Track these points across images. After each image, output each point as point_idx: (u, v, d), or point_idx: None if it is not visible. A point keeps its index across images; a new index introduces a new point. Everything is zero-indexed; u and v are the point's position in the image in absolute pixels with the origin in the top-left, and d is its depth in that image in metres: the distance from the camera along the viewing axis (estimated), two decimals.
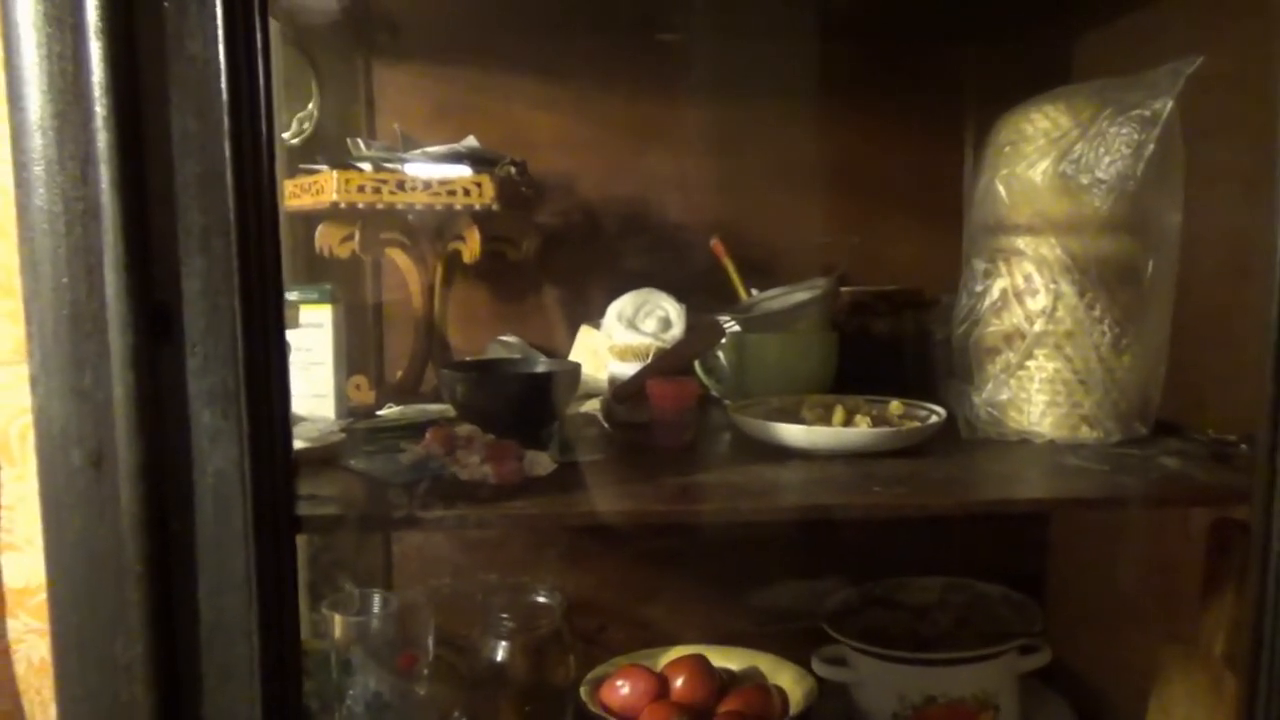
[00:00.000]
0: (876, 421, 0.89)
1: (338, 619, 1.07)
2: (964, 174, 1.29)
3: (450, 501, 0.73)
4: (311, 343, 1.01)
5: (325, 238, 1.07)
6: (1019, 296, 0.92)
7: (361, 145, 1.09)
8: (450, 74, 1.24)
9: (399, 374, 1.11)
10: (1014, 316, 0.93)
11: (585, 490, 0.77)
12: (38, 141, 0.60)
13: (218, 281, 0.62)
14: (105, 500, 0.62)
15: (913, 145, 1.29)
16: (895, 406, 0.92)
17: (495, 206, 1.01)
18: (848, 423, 0.88)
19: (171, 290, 0.61)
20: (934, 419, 0.91)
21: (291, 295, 1.01)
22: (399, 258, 1.12)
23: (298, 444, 0.88)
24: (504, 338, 1.23)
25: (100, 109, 0.59)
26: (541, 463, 0.79)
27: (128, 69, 0.59)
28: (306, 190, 1.04)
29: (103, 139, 0.59)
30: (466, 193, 1.02)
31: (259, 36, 0.61)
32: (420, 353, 1.14)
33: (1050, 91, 0.92)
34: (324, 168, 1.02)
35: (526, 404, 0.93)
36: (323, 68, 1.21)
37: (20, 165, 0.61)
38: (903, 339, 1.14)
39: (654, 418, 0.93)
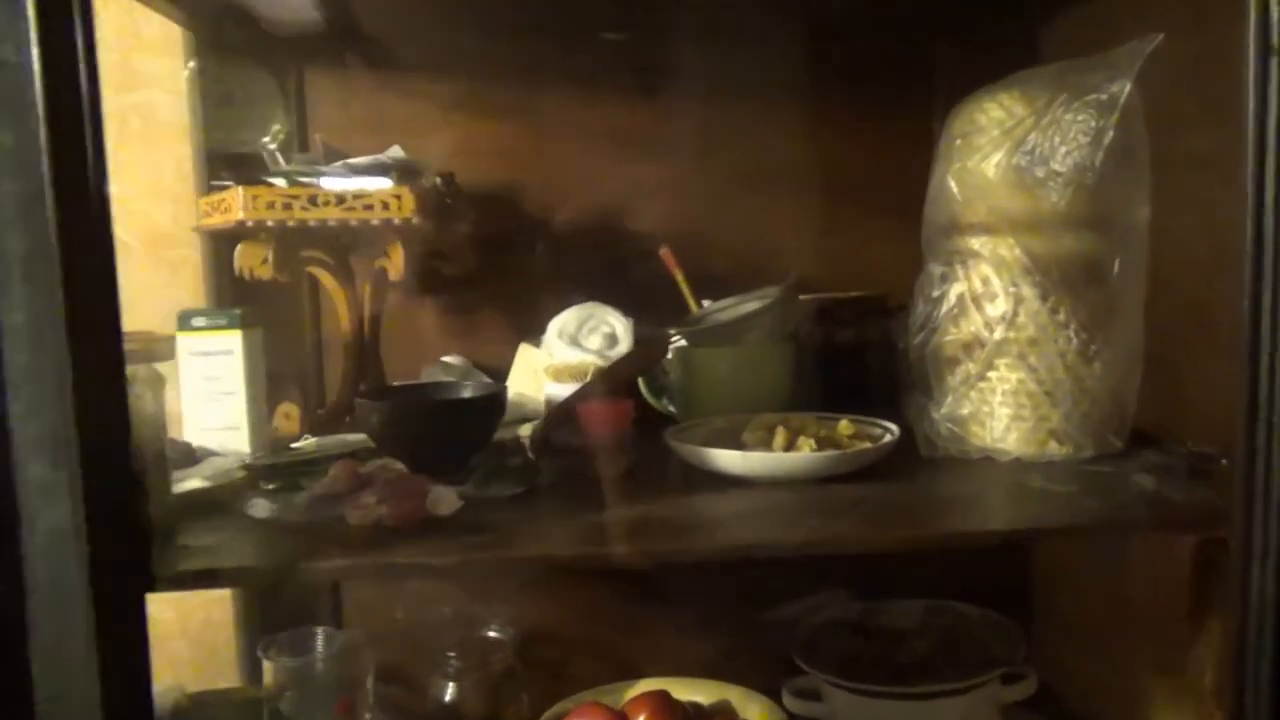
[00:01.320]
0: (823, 443, 0.81)
1: (266, 664, 1.00)
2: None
3: (333, 549, 0.66)
4: (220, 371, 0.94)
5: (245, 258, 1.00)
6: (977, 302, 0.85)
7: (280, 159, 1.02)
8: (385, 81, 1.17)
9: (321, 408, 1.04)
10: (973, 324, 0.85)
11: (491, 531, 0.70)
12: None
13: (42, 314, 0.55)
14: None
15: (879, 143, 1.22)
16: (844, 426, 0.85)
17: (416, 220, 0.94)
18: (790, 446, 0.81)
19: None
20: (887, 438, 0.83)
21: (198, 321, 0.94)
22: (324, 277, 1.05)
23: (194, 483, 0.81)
24: (447, 358, 1.16)
25: None
26: (446, 501, 0.72)
27: None
28: (216, 209, 0.97)
29: None
30: (385, 206, 0.95)
31: (80, 38, 0.54)
32: (350, 377, 1.07)
33: (1006, 78, 0.84)
34: (229, 184, 0.95)
35: (446, 433, 0.85)
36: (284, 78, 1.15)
37: None
38: (867, 349, 1.07)
39: (588, 443, 0.85)
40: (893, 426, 0.86)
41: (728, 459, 0.78)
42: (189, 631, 1.22)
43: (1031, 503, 0.75)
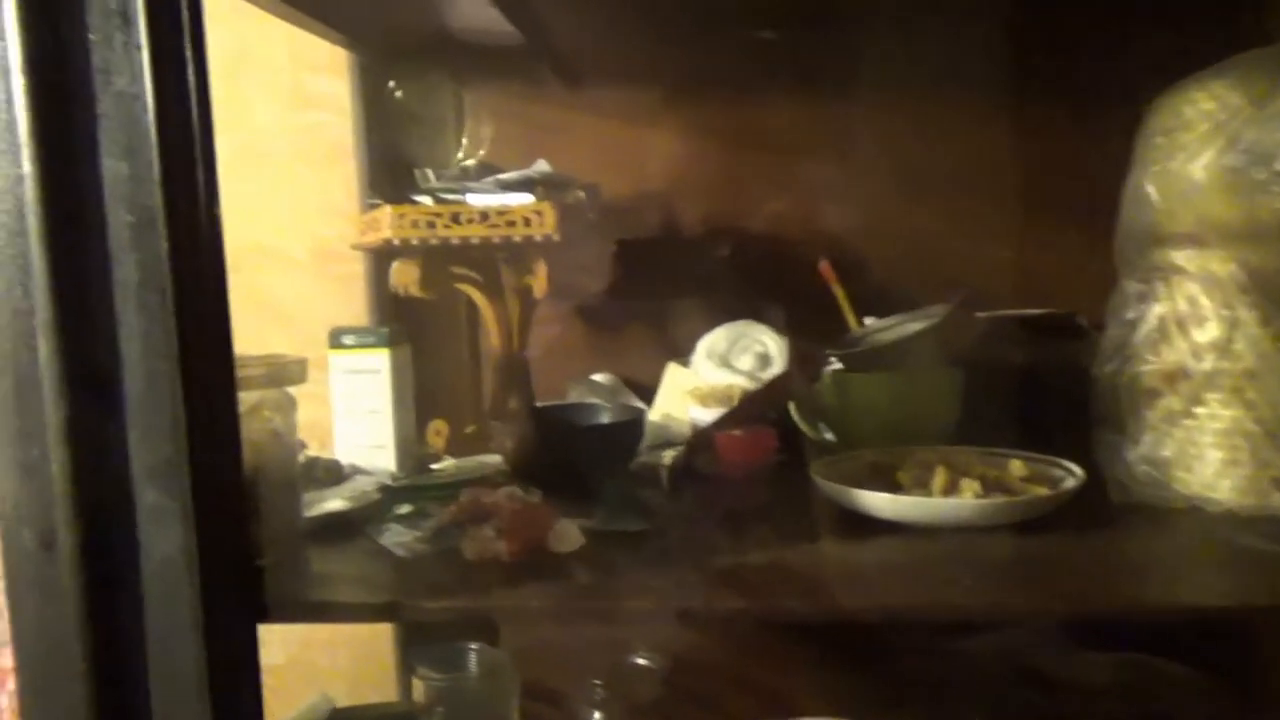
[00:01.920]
0: (990, 486, 0.72)
1: (415, 681, 1.00)
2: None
3: (444, 585, 0.63)
4: (369, 388, 0.95)
5: (399, 276, 1.01)
6: (1182, 325, 0.73)
7: (430, 176, 1.02)
8: (536, 92, 1.16)
9: (470, 426, 1.03)
10: (1176, 351, 0.73)
11: (608, 573, 0.65)
12: None
13: (156, 344, 0.55)
14: (57, 586, 0.57)
15: (1066, 140, 1.09)
16: (1017, 466, 0.75)
17: (557, 236, 0.92)
18: (951, 488, 0.72)
19: (111, 356, 0.55)
20: (1068, 482, 0.72)
21: (348, 339, 0.95)
22: (474, 294, 1.05)
23: (333, 504, 0.82)
24: (596, 376, 1.13)
25: (26, 153, 0.53)
26: (567, 538, 0.68)
27: (55, 110, 0.53)
28: (370, 227, 0.98)
29: (30, 188, 0.53)
30: (526, 222, 0.92)
31: (191, 68, 0.54)
32: (498, 395, 1.05)
33: (1218, 64, 0.72)
34: (380, 203, 0.96)
35: (580, 459, 0.82)
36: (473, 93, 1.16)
37: None
38: (1048, 375, 0.95)
39: (724, 475, 0.80)
40: (1075, 468, 0.75)
41: (877, 501, 0.70)
42: (357, 638, 1.24)
43: (1248, 567, 0.63)
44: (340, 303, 1.22)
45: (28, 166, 0.53)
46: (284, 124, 1.22)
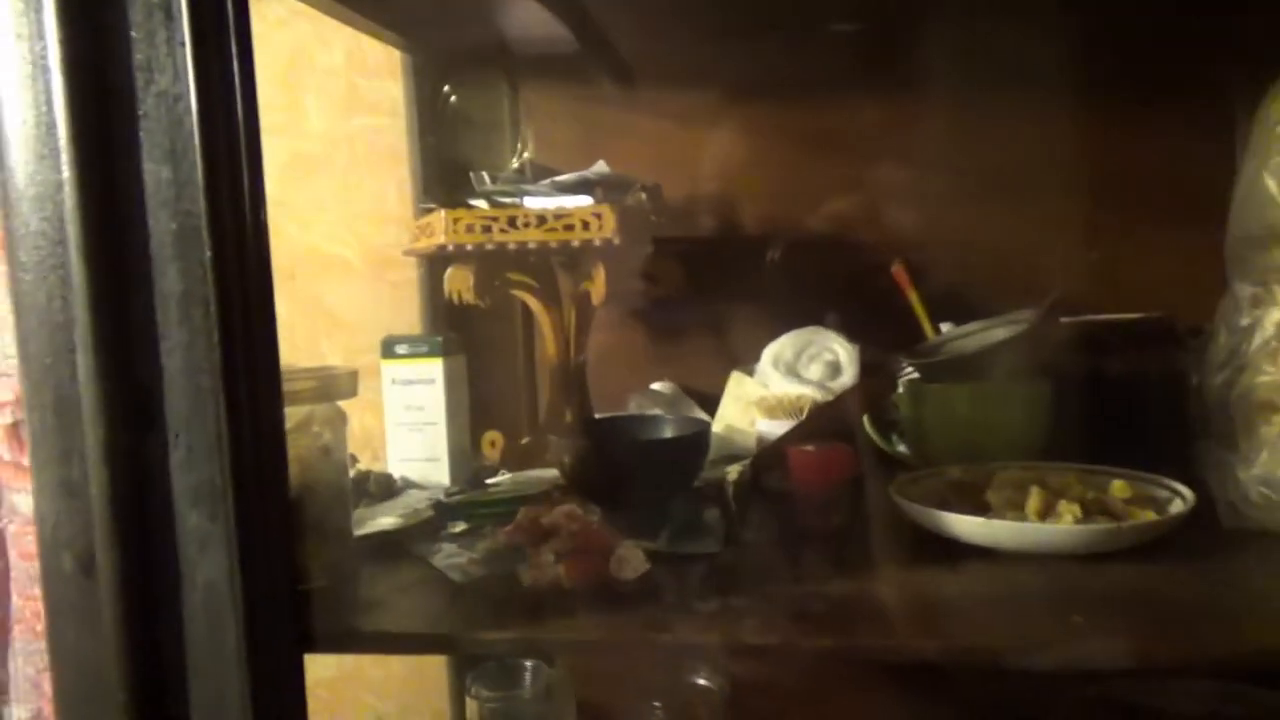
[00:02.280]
0: (1090, 509, 0.66)
1: (469, 700, 0.97)
2: (1236, 164, 1.00)
3: (498, 616, 0.59)
4: (422, 400, 0.92)
5: (453, 282, 0.98)
6: None
7: (486, 178, 0.99)
8: (594, 92, 1.12)
9: (525, 437, 1.00)
10: None
11: (672, 603, 0.61)
12: (24, 207, 0.53)
13: (199, 358, 0.52)
14: (96, 613, 0.54)
15: (1166, 130, 1.01)
16: (1119, 487, 0.68)
17: (617, 240, 0.87)
18: (1048, 511, 0.66)
19: (152, 370, 0.52)
20: (1176, 505, 0.66)
21: (401, 348, 0.92)
22: (530, 301, 1.01)
23: (385, 520, 0.78)
24: (657, 385, 1.09)
25: (66, 157, 0.50)
26: (630, 563, 0.64)
27: (96, 111, 0.50)
28: (423, 232, 0.95)
29: (69, 194, 0.51)
30: (585, 226, 0.88)
31: (236, 65, 0.51)
32: (556, 405, 1.01)
33: None
34: (434, 207, 0.93)
35: (641, 476, 0.78)
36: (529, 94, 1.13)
37: (11, 234, 0.54)
38: (1147, 385, 0.88)
39: (796, 494, 0.75)
40: (1183, 489, 0.69)
41: (966, 526, 0.64)
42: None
43: None
44: (395, 309, 1.20)
45: (67, 171, 0.50)
46: (339, 128, 1.19)
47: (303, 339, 1.24)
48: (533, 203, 0.92)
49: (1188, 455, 0.79)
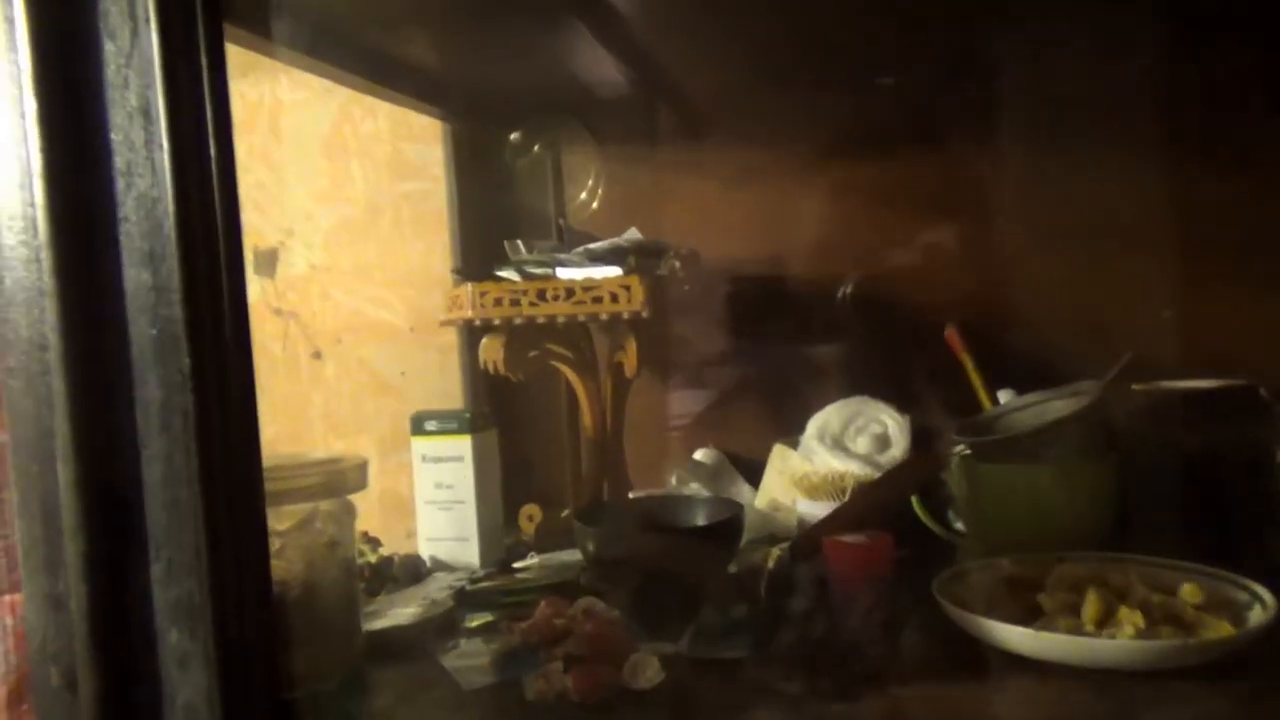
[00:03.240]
0: (1156, 616, 0.59)
1: None
2: None
3: None
4: (451, 478, 0.89)
5: (487, 352, 0.95)
6: None
7: (521, 247, 0.97)
8: (632, 153, 1.10)
9: (565, 510, 0.96)
10: None
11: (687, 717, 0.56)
12: (13, 313, 0.52)
13: (178, 469, 0.50)
14: None
15: (1248, 182, 0.94)
16: (1189, 592, 0.61)
17: (646, 313, 0.84)
18: (1106, 618, 0.59)
19: (133, 481, 0.50)
20: (1254, 615, 0.59)
21: (430, 424, 0.90)
22: (566, 371, 0.98)
23: (407, 610, 0.76)
24: (699, 454, 1.04)
25: (47, 264, 0.49)
26: (645, 672, 0.60)
27: (75, 216, 0.49)
28: (454, 304, 0.93)
29: (50, 303, 0.49)
30: (614, 299, 0.85)
31: (215, 167, 0.49)
32: (593, 478, 0.98)
33: None
34: (462, 279, 0.91)
35: (668, 567, 0.73)
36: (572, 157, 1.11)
37: (1, 339, 0.53)
38: (1226, 462, 0.80)
39: (834, 589, 0.70)
40: (1263, 592, 0.61)
41: (1015, 637, 0.58)
42: None
43: None
44: (440, 373, 1.18)
45: (48, 280, 0.49)
46: (383, 193, 1.19)
47: (349, 402, 1.23)
48: (564, 273, 0.89)
49: (1272, 544, 0.71)
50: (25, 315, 0.51)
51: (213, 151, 0.49)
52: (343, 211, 1.20)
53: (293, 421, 1.23)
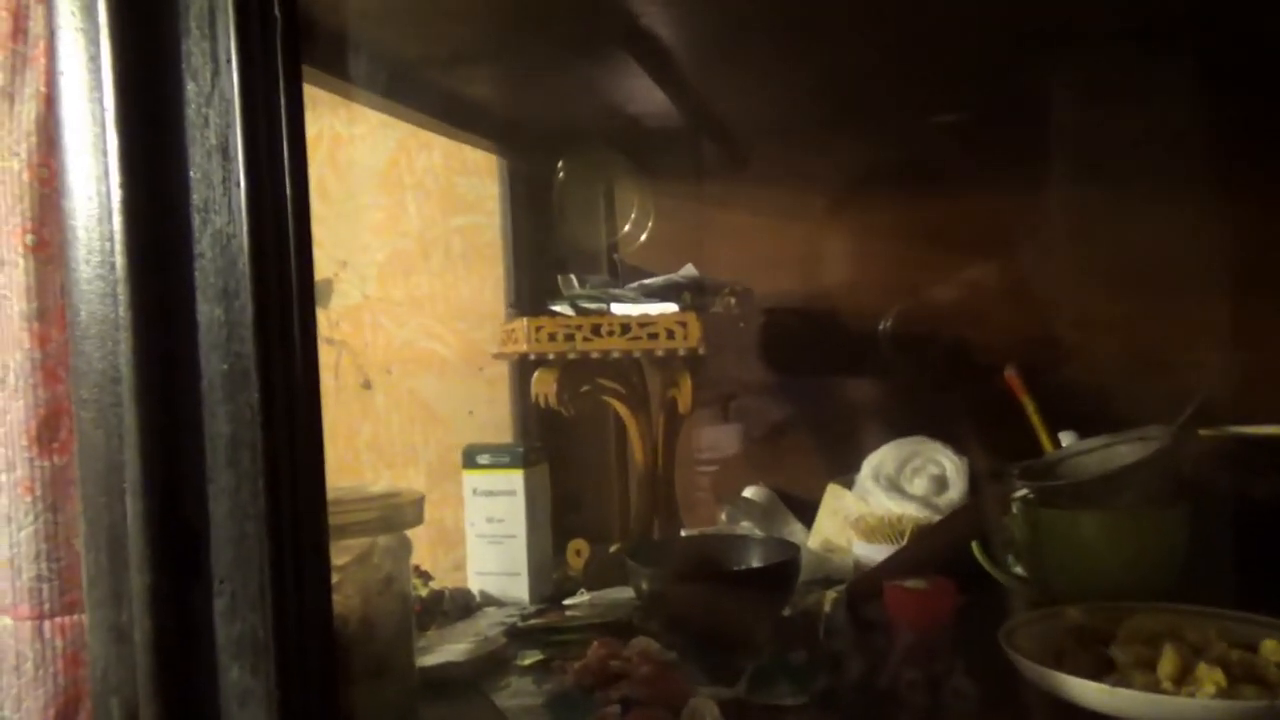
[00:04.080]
0: (1236, 674, 0.57)
1: None
2: None
3: None
4: (503, 512, 0.89)
5: (540, 386, 0.95)
6: None
7: (575, 281, 0.97)
8: (686, 189, 1.10)
9: (614, 545, 0.96)
10: None
11: None
12: (87, 346, 0.53)
13: (245, 504, 0.50)
14: None
15: None
16: (1271, 648, 0.59)
17: (701, 350, 0.84)
18: (1184, 675, 0.57)
19: (199, 515, 0.51)
20: None
21: (483, 458, 0.90)
22: (618, 407, 0.98)
23: (459, 646, 0.75)
24: (749, 492, 1.03)
25: (123, 298, 0.50)
26: (705, 718, 0.59)
27: (153, 253, 0.50)
28: (509, 339, 0.93)
29: (125, 338, 0.50)
30: (670, 335, 0.85)
31: (290, 205, 0.50)
32: (643, 515, 0.97)
33: None
34: (518, 313, 0.91)
35: (722, 608, 0.72)
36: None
37: (74, 371, 0.54)
38: None
39: (893, 636, 0.68)
40: None
41: (1088, 692, 0.56)
42: None
43: None
44: (490, 406, 1.19)
45: (123, 314, 0.50)
46: (437, 227, 1.21)
47: (398, 433, 1.24)
48: (619, 309, 0.89)
49: None
50: (99, 348, 0.52)
51: (288, 191, 0.50)
52: (396, 244, 1.22)
53: (341, 452, 1.24)
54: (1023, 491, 0.80)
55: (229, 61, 0.48)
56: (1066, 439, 0.87)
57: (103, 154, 0.51)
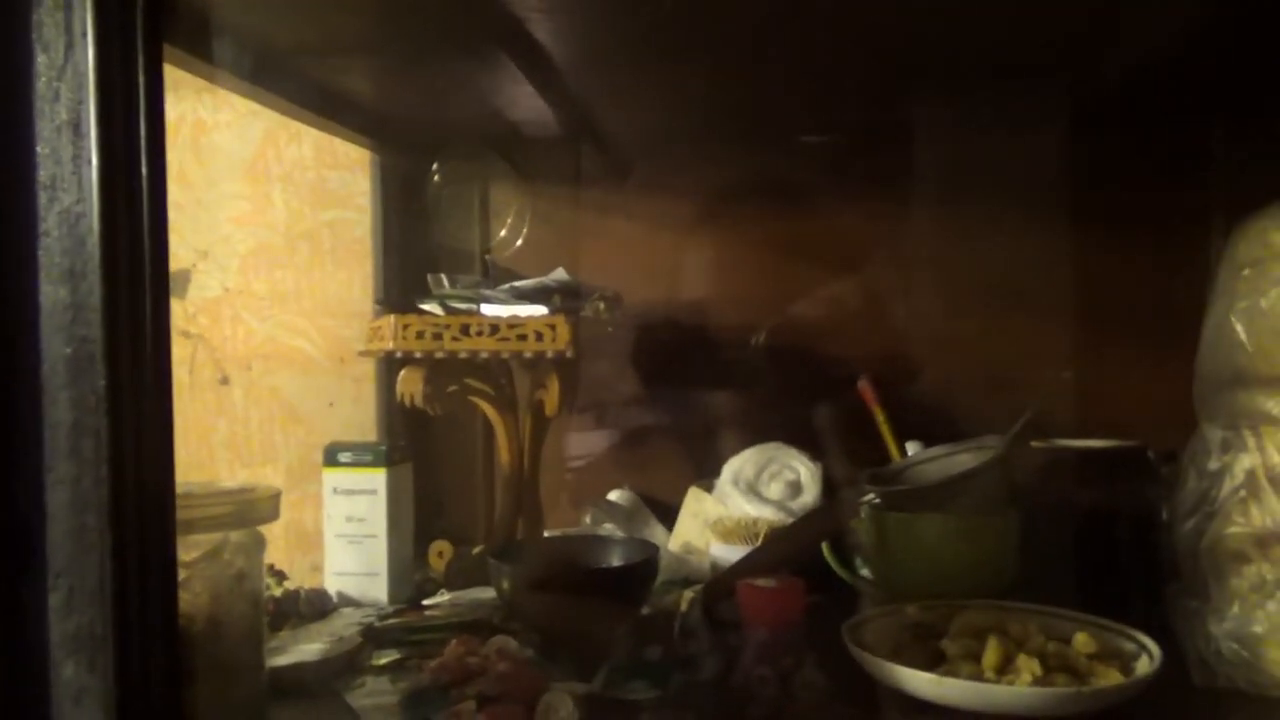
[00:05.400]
0: (1052, 664, 0.62)
1: None
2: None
3: None
4: (364, 511, 0.87)
5: (405, 385, 0.94)
6: (1276, 483, 0.63)
7: (445, 281, 0.96)
8: (560, 193, 1.11)
9: (477, 547, 0.95)
10: (1271, 512, 0.63)
11: None
12: None
13: (86, 495, 0.48)
14: None
15: (1142, 254, 1.00)
16: (1082, 641, 0.64)
17: (570, 353, 0.85)
18: (1006, 665, 0.62)
19: (35, 506, 0.48)
20: (1141, 665, 0.62)
21: (344, 456, 0.89)
22: (485, 407, 0.98)
23: (310, 647, 0.74)
24: (613, 495, 1.05)
25: None
26: (560, 711, 0.59)
27: None
28: (375, 335, 0.92)
29: None
30: (539, 337, 0.86)
31: (145, 184, 0.48)
32: (507, 516, 0.97)
33: None
34: (385, 310, 0.90)
35: (582, 606, 0.73)
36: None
37: None
38: (1118, 518, 0.85)
39: (745, 632, 0.71)
40: (1150, 644, 0.64)
41: (918, 682, 0.60)
42: None
43: None
44: (355, 405, 1.16)
45: None
46: (304, 221, 1.18)
47: (257, 431, 1.20)
48: (489, 309, 0.90)
49: (1160, 595, 0.75)
50: None
51: (144, 170, 0.48)
52: (261, 236, 1.18)
53: (194, 450, 1.19)
54: (870, 496, 0.84)
55: (84, 35, 0.46)
56: (912, 448, 0.92)
57: None
